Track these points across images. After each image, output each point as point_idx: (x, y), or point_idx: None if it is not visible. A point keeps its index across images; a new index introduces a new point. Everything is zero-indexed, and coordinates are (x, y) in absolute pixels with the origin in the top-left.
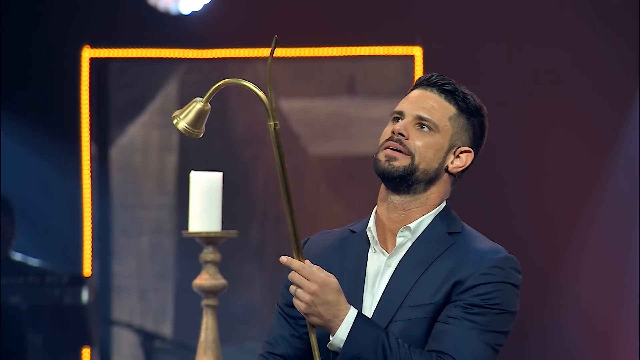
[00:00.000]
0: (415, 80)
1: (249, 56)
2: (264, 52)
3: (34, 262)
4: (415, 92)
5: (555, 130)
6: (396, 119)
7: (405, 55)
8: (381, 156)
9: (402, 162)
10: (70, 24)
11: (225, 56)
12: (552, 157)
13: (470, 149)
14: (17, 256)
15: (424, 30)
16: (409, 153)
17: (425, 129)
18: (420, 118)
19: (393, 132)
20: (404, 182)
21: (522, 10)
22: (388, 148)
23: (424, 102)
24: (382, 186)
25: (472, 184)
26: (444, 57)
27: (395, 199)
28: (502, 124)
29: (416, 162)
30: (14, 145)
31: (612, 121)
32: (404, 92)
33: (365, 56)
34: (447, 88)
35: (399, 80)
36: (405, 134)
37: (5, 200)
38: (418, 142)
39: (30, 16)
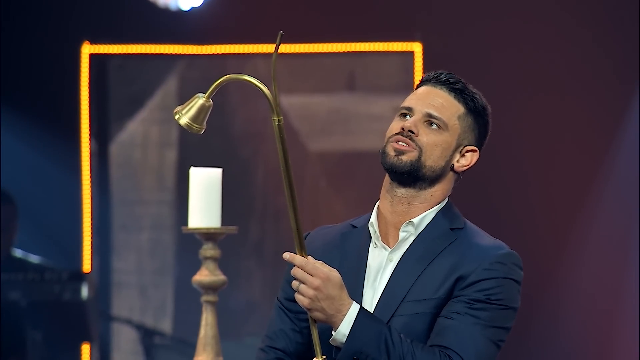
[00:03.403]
0: (422, 76)
1: (248, 52)
2: (264, 48)
3: (33, 258)
4: (424, 89)
5: (556, 127)
6: (404, 115)
7: (405, 51)
8: (389, 149)
9: (409, 156)
10: (70, 20)
11: (225, 52)
12: (553, 153)
13: (476, 148)
14: (17, 252)
15: (423, 26)
16: (417, 148)
17: (434, 126)
18: (430, 116)
19: (402, 129)
20: (410, 177)
21: (522, 7)
22: (396, 142)
23: (433, 100)
24: (386, 181)
25: (473, 181)
26: (443, 53)
27: (401, 192)
28: (502, 120)
29: (423, 158)
30: (13, 141)
31: (612, 118)
32: (404, 88)
33: (365, 52)
34: (457, 87)
35: (398, 76)
36: (415, 130)
37: (7, 194)
38: (426, 139)
39: (30, 12)
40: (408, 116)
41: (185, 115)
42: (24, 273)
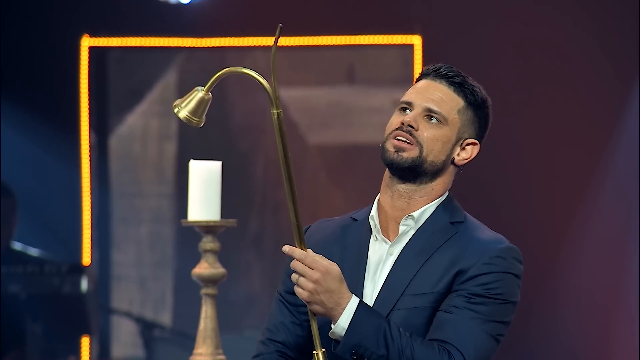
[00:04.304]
0: (421, 70)
1: (248, 45)
2: (263, 40)
3: (33, 251)
4: (423, 83)
5: (556, 121)
6: (404, 109)
7: (405, 44)
8: (389, 146)
9: (410, 153)
10: (70, 13)
11: (225, 45)
12: (553, 148)
13: (476, 141)
14: (17, 245)
15: (423, 19)
16: (418, 145)
17: (434, 120)
18: (430, 110)
19: (402, 123)
20: (411, 173)
21: (522, 2)
22: (396, 138)
23: (432, 94)
24: (386, 174)
25: (473, 175)
26: (443, 46)
27: (401, 187)
28: (502, 114)
29: (424, 154)
30: (13, 134)
31: (612, 111)
32: (404, 81)
33: (365, 45)
34: (456, 80)
35: (398, 69)
36: (414, 125)
37: (6, 187)
38: (427, 134)
39: (30, 5)
40: (408, 110)
41: (184, 109)
42: (24, 266)
